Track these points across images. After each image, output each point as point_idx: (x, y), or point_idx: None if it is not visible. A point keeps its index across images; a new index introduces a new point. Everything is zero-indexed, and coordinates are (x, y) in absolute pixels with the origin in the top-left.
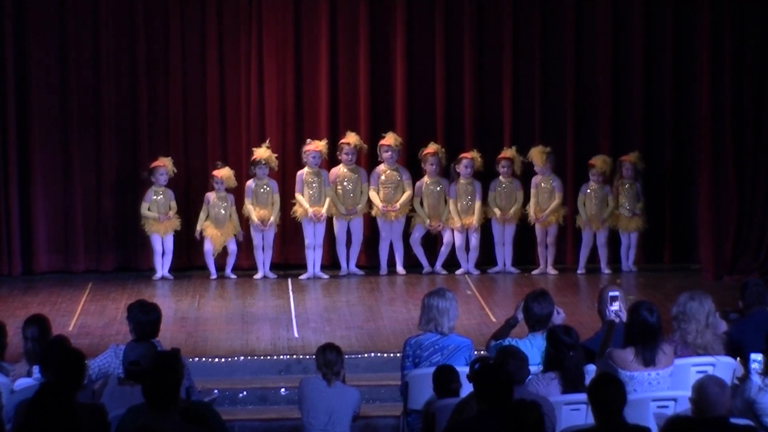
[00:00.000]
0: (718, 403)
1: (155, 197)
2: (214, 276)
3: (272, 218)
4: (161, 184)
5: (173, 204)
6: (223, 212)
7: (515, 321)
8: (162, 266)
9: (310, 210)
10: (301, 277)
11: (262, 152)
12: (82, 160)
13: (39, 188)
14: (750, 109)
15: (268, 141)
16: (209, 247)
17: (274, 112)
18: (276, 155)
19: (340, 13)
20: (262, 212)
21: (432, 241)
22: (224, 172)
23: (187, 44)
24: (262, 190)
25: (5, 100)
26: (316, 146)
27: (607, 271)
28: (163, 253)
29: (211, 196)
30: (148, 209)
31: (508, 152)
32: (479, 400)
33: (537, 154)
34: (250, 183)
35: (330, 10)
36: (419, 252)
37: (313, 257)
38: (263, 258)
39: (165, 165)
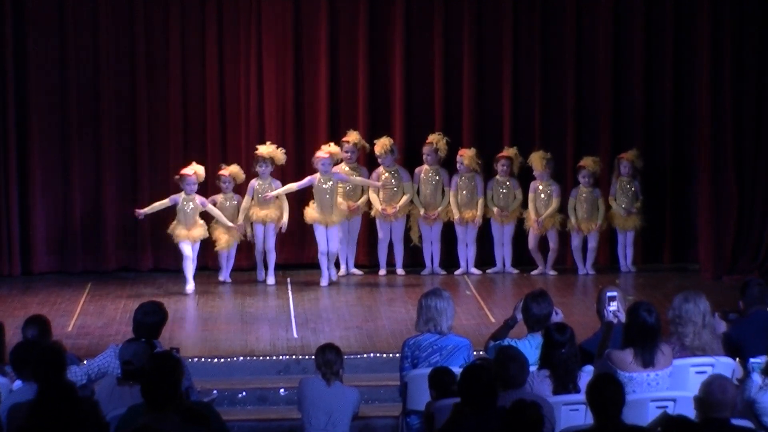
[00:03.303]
0: (723, 403)
1: (184, 204)
2: (222, 278)
3: (284, 218)
4: (189, 193)
5: (206, 206)
6: (230, 212)
7: (514, 321)
8: (191, 275)
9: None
10: (322, 283)
11: (265, 148)
12: (82, 160)
13: (38, 188)
14: (750, 108)
15: (268, 143)
16: (220, 249)
17: (273, 111)
18: (283, 150)
19: (339, 12)
20: (263, 213)
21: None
22: (232, 169)
23: (187, 44)
24: (264, 189)
25: (5, 101)
26: (327, 152)
27: (592, 271)
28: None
29: (218, 197)
30: (176, 218)
31: (510, 151)
32: (463, 403)
33: (537, 159)
34: (253, 182)
35: (329, 10)
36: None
37: (327, 263)
38: (269, 261)
39: (195, 173)
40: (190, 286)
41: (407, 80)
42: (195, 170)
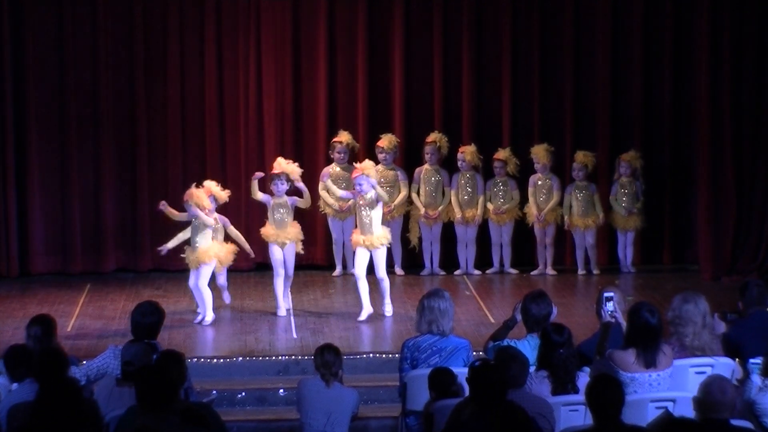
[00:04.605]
0: (722, 404)
1: (193, 226)
2: (227, 301)
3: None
4: (192, 216)
5: (227, 229)
6: (218, 233)
7: (513, 322)
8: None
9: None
10: (361, 317)
11: (281, 164)
12: (80, 161)
13: (37, 189)
14: (749, 109)
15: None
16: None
17: (272, 113)
18: (297, 163)
19: (338, 13)
20: (282, 234)
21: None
22: (212, 189)
23: (186, 45)
24: (278, 209)
25: (3, 101)
26: (361, 170)
27: (596, 271)
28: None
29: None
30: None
31: (501, 154)
32: (473, 400)
33: (541, 152)
34: (269, 200)
35: (328, 11)
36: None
37: (366, 289)
38: (287, 284)
39: (195, 206)
40: (205, 317)
41: (407, 80)
42: (196, 203)
